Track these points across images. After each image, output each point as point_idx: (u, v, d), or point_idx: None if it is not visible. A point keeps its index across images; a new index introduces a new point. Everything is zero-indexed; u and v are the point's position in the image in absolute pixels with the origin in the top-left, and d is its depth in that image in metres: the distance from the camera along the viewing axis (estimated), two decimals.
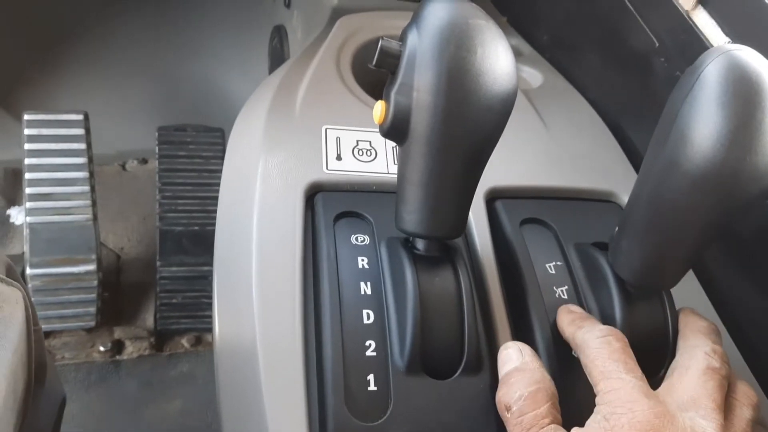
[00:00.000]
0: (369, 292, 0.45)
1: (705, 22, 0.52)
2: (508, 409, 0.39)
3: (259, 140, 0.56)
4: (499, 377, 0.41)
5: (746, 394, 0.40)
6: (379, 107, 0.41)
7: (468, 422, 0.42)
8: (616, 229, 0.45)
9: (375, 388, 0.42)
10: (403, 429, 0.41)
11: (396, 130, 0.40)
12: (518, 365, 0.40)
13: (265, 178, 0.52)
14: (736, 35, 0.50)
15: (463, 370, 0.43)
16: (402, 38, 0.40)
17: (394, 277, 0.45)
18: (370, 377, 0.42)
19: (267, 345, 0.44)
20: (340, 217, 0.50)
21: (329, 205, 0.51)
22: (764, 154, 0.35)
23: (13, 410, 0.40)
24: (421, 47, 0.38)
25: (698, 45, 0.52)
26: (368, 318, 0.44)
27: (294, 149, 0.55)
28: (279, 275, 0.47)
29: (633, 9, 0.61)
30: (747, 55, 0.36)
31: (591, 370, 0.39)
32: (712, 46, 0.51)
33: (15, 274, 0.48)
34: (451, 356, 0.43)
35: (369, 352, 0.43)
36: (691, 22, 0.53)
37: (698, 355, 0.40)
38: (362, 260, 0.47)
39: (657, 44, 0.59)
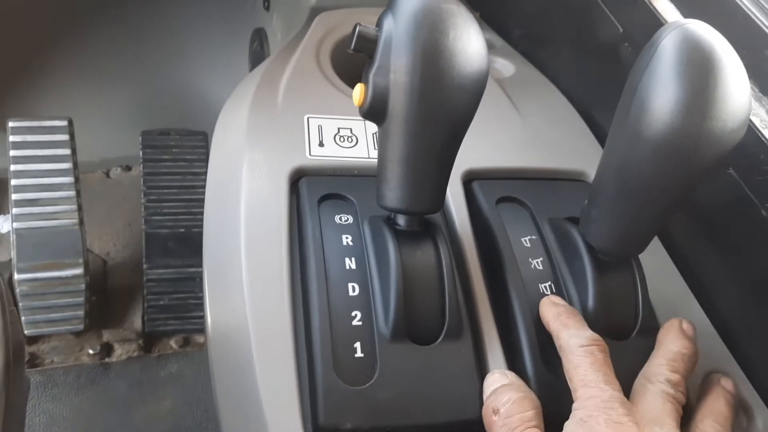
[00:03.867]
0: (353, 266, 0.48)
1: (665, 7, 0.55)
2: (495, 412, 0.41)
3: (243, 131, 0.58)
4: (485, 398, 0.43)
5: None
6: (358, 90, 0.43)
7: (450, 384, 0.44)
8: (586, 201, 0.48)
9: (362, 355, 0.44)
10: (390, 391, 0.43)
11: (375, 110, 0.43)
12: (505, 383, 0.43)
13: (250, 166, 0.54)
14: (694, 17, 0.53)
15: (445, 335, 0.45)
16: (378, 24, 0.43)
17: (377, 252, 0.47)
18: (357, 345, 0.44)
19: (257, 320, 0.46)
20: (323, 199, 0.53)
21: (313, 189, 0.53)
22: (719, 119, 0.38)
23: None
24: (396, 31, 0.41)
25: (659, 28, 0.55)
26: (353, 290, 0.46)
27: (278, 138, 0.57)
28: (267, 255, 0.49)
29: None
30: (700, 27, 0.39)
31: (572, 376, 0.41)
32: None
33: None
34: (433, 323, 0.45)
35: (355, 322, 0.45)
36: (652, 7, 0.56)
37: (654, 381, 0.42)
38: (346, 238, 0.49)
39: (621, 30, 0.62)
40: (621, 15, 0.62)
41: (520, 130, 0.64)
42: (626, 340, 0.47)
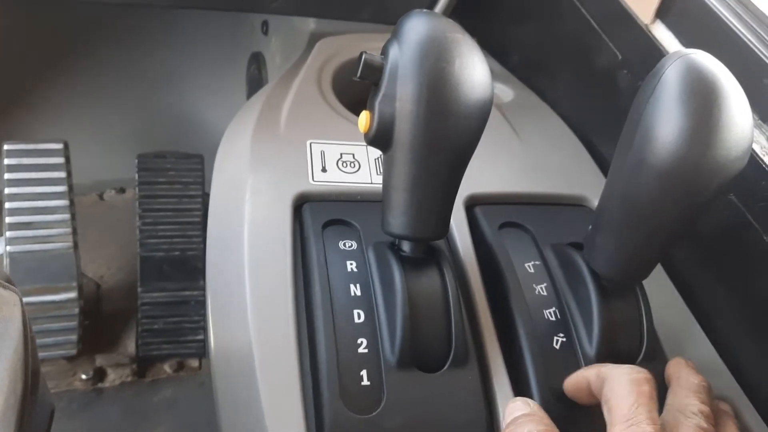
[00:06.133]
0: (359, 293, 0.47)
1: (663, 35, 0.56)
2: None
3: (246, 156, 0.58)
4: (504, 424, 0.42)
5: None
6: (364, 117, 0.43)
7: (457, 411, 0.44)
8: (590, 227, 0.48)
9: (368, 383, 0.43)
10: (397, 419, 0.42)
11: (381, 138, 0.43)
12: (527, 412, 0.41)
13: (253, 192, 0.54)
14: (692, 45, 0.54)
15: (451, 363, 0.45)
16: (384, 52, 0.43)
17: (382, 278, 0.47)
18: (363, 373, 0.44)
19: (262, 346, 0.45)
20: (327, 225, 0.53)
21: (317, 215, 0.53)
22: (722, 148, 0.38)
23: (14, 410, 0.41)
24: (402, 60, 0.41)
25: (658, 56, 0.56)
26: (359, 317, 0.46)
27: (281, 163, 0.57)
28: (271, 281, 0.49)
29: (596, 26, 0.65)
30: (703, 58, 0.40)
31: (612, 408, 0.39)
32: None
33: (11, 280, 0.49)
34: (440, 350, 0.45)
35: (361, 350, 0.45)
36: (651, 35, 0.57)
37: (688, 414, 0.40)
38: (351, 264, 0.49)
39: (620, 57, 0.62)
40: (620, 43, 0.62)
41: (520, 155, 0.64)
42: None
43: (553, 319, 0.49)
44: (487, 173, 0.60)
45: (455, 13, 0.81)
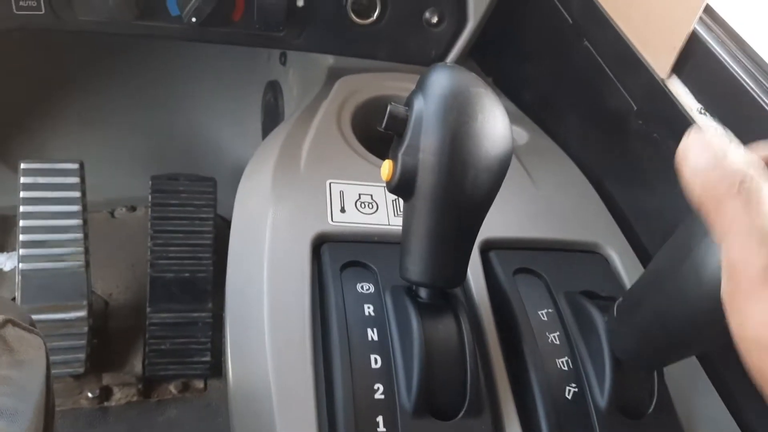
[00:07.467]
0: (375, 338, 0.48)
1: (679, 90, 0.57)
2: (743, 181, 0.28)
3: (267, 194, 0.59)
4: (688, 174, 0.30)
5: None
6: (386, 166, 0.45)
7: None
8: (615, 312, 0.47)
9: (384, 430, 0.44)
10: None
11: (403, 187, 0.44)
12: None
13: (274, 230, 0.55)
14: (707, 102, 0.55)
15: (465, 411, 0.45)
16: (408, 103, 0.44)
17: (399, 324, 0.48)
18: (379, 419, 0.44)
19: (280, 389, 0.46)
20: (345, 266, 0.54)
21: (335, 256, 0.54)
22: None
23: None
24: (426, 112, 0.42)
25: (673, 110, 0.57)
26: (376, 363, 0.47)
27: (300, 202, 0.58)
28: (290, 322, 0.50)
29: (612, 75, 0.66)
30: None
31: None
32: (686, 111, 0.56)
33: (34, 323, 0.50)
34: (455, 398, 0.46)
35: (377, 395, 0.45)
36: (667, 90, 0.58)
37: None
38: (368, 308, 0.50)
39: (635, 108, 0.64)
40: (634, 93, 0.64)
41: (534, 199, 0.65)
42: (641, 419, 0.48)
43: (566, 368, 0.50)
44: (501, 217, 0.61)
45: (471, 53, 0.83)
